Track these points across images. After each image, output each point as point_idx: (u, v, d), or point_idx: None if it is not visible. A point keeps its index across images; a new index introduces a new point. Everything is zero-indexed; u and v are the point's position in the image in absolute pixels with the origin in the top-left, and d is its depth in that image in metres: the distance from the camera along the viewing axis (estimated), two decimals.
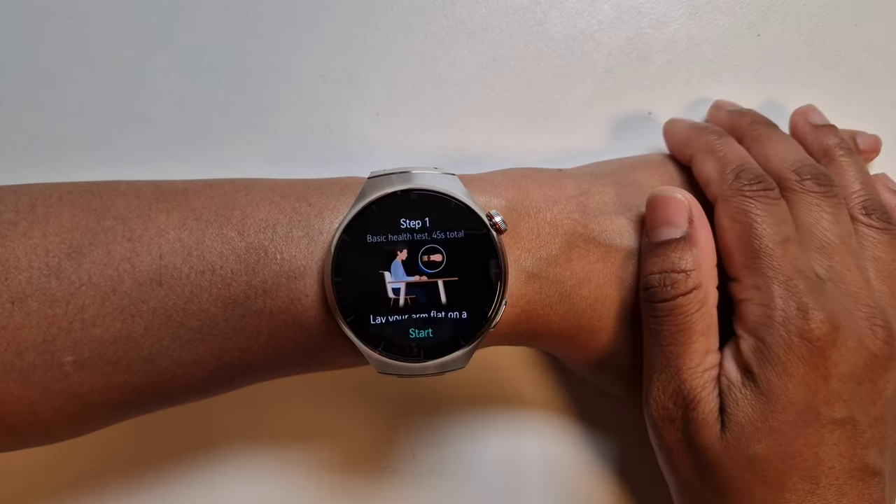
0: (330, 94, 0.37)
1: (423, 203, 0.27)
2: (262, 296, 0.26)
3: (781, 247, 0.27)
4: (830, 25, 0.38)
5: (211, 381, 0.27)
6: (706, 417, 0.27)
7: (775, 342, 0.26)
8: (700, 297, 0.27)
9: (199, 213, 0.27)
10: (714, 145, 0.31)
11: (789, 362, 0.26)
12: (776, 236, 0.27)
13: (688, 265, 0.28)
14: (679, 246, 0.28)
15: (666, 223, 0.28)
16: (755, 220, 0.28)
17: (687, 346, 0.27)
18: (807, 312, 0.26)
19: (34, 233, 0.25)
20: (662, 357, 0.28)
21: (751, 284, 0.27)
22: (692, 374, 0.27)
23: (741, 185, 0.29)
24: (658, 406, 0.28)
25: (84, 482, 0.34)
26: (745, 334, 0.27)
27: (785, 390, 0.26)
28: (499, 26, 0.38)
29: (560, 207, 0.29)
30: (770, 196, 0.28)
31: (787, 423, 0.26)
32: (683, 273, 0.27)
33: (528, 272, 0.29)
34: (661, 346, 0.28)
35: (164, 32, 0.37)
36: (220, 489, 0.35)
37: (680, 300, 0.27)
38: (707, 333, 0.27)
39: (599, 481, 0.36)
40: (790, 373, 0.26)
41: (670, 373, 0.27)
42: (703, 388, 0.27)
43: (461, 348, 0.27)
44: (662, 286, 0.28)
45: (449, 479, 0.35)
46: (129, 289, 0.25)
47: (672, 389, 0.27)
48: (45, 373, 0.25)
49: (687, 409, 0.27)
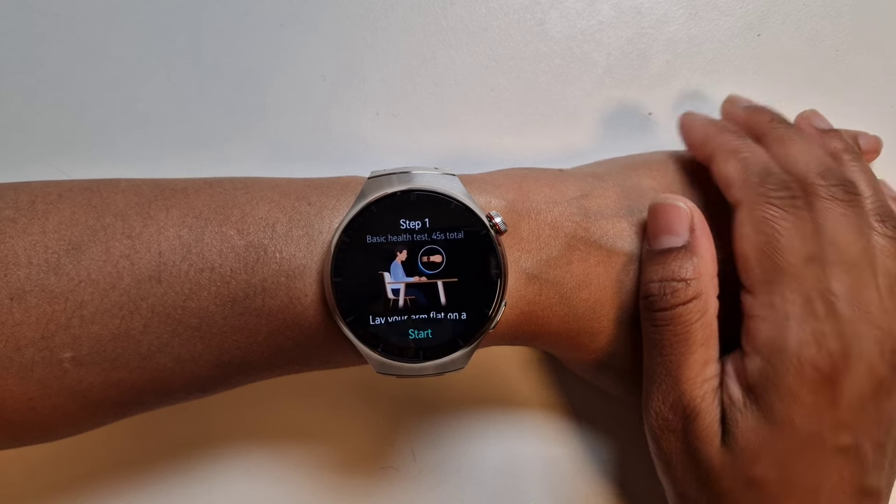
0: (330, 94, 0.37)
1: (424, 204, 0.27)
2: (261, 294, 0.26)
3: (804, 266, 0.26)
4: (830, 25, 0.38)
5: (210, 379, 0.27)
6: (706, 429, 0.26)
7: (786, 369, 0.25)
8: (700, 306, 0.27)
9: (198, 211, 0.27)
10: (736, 146, 0.30)
11: (798, 391, 0.25)
12: (800, 254, 0.26)
13: (688, 274, 0.27)
14: (680, 255, 0.27)
15: (667, 231, 0.28)
16: (780, 232, 0.27)
17: (687, 356, 0.27)
18: (822, 341, 0.25)
19: (33, 229, 0.25)
20: (662, 366, 0.27)
21: (766, 302, 0.26)
22: (692, 384, 0.27)
23: (767, 191, 0.27)
24: (658, 416, 0.27)
25: (83, 481, 0.34)
26: (752, 353, 0.26)
27: (790, 417, 0.25)
28: (499, 26, 0.38)
29: (561, 209, 0.29)
30: (797, 205, 0.27)
31: (789, 448, 0.25)
32: (683, 282, 0.27)
33: (529, 273, 0.28)
34: (661, 355, 0.27)
35: (164, 32, 0.37)
36: (220, 488, 0.35)
37: (679, 309, 0.27)
38: (707, 343, 0.27)
39: (598, 481, 0.36)
40: (797, 401, 0.25)
41: (670, 383, 0.27)
42: (703, 399, 0.27)
43: (460, 349, 0.27)
44: (662, 295, 0.27)
45: (449, 479, 0.35)
46: (128, 286, 0.25)
47: (672, 399, 0.27)
48: (43, 369, 0.25)
49: (687, 419, 0.27)
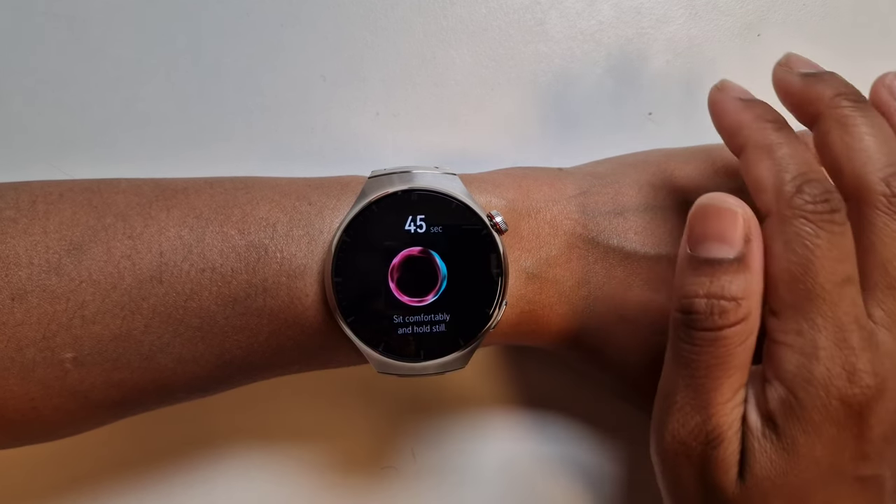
0: (330, 94, 0.37)
1: (424, 203, 0.27)
2: (262, 294, 0.26)
3: (839, 290, 0.23)
4: (830, 25, 0.38)
5: (211, 379, 0.27)
6: (727, 459, 0.24)
7: (811, 402, 0.23)
8: (748, 329, 0.24)
9: (199, 210, 0.27)
10: (773, 141, 0.25)
11: (822, 425, 0.23)
12: (835, 276, 0.23)
13: (739, 292, 0.23)
14: (732, 268, 0.24)
15: (718, 238, 0.24)
16: (814, 252, 0.23)
17: (722, 381, 0.24)
18: (854, 374, 0.23)
19: (34, 229, 0.25)
20: (690, 389, 0.24)
21: (794, 328, 0.24)
22: (722, 409, 0.24)
23: (804, 204, 0.24)
24: (674, 440, 0.25)
25: (84, 482, 0.34)
26: (775, 382, 0.24)
27: (811, 450, 0.23)
28: (499, 26, 0.38)
29: (560, 207, 0.29)
30: (836, 220, 0.24)
31: (808, 481, 0.23)
32: (734, 301, 0.23)
33: (529, 273, 0.29)
34: (692, 377, 0.24)
35: (164, 32, 0.37)
36: (221, 489, 0.35)
37: (726, 332, 0.23)
38: (744, 368, 0.24)
39: (599, 481, 0.36)
40: (821, 434, 0.23)
41: (696, 406, 0.24)
42: (730, 427, 0.24)
43: (461, 349, 0.27)
44: (709, 314, 0.24)
45: (449, 479, 0.35)
46: (129, 286, 0.25)
47: (695, 424, 0.24)
48: (45, 369, 0.25)
49: (708, 446, 0.24)
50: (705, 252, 0.24)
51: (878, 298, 0.24)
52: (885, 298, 0.24)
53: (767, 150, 0.25)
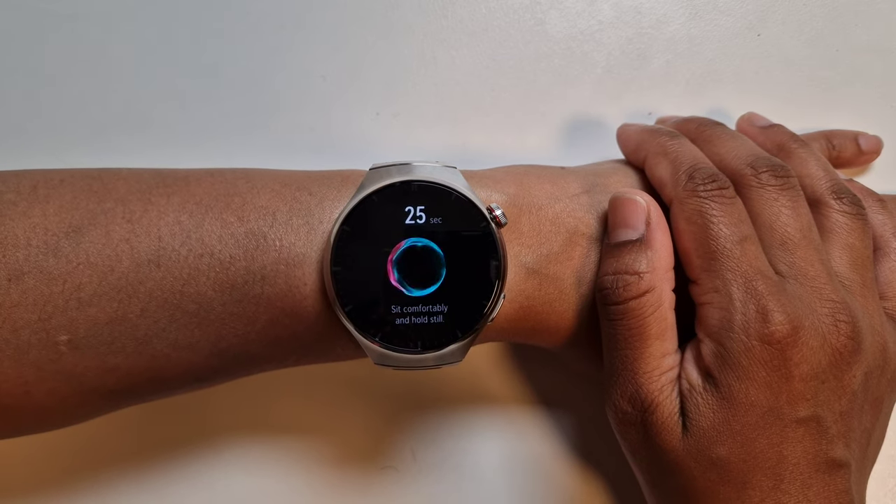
0: (330, 94, 0.37)
1: (424, 195, 0.27)
2: (260, 282, 0.26)
3: (739, 246, 0.27)
4: (830, 25, 0.39)
5: (206, 367, 0.27)
6: (665, 421, 0.26)
7: (735, 347, 0.26)
8: (654, 299, 0.27)
9: (199, 198, 0.27)
10: (666, 146, 0.30)
11: (750, 367, 0.26)
12: (733, 236, 0.27)
13: (641, 267, 0.27)
14: (634, 248, 0.28)
15: (623, 224, 0.28)
16: (711, 220, 0.27)
17: (642, 350, 0.27)
18: (767, 315, 0.26)
19: (34, 212, 0.25)
20: (619, 360, 0.27)
21: (710, 287, 0.27)
22: (648, 377, 0.27)
23: (695, 186, 0.28)
24: (617, 409, 0.28)
25: (84, 477, 0.34)
26: (705, 338, 0.27)
27: (746, 394, 0.26)
28: (499, 26, 0.38)
29: (563, 205, 0.30)
30: (725, 195, 0.28)
31: (749, 425, 0.26)
32: (636, 275, 0.27)
33: (528, 268, 0.28)
34: (617, 349, 0.27)
35: (164, 32, 0.37)
36: (221, 486, 0.34)
37: (633, 303, 0.27)
38: (662, 336, 0.27)
39: (599, 480, 0.36)
40: (751, 377, 0.26)
41: (627, 376, 0.27)
42: (660, 392, 0.27)
43: (458, 341, 0.27)
44: (615, 288, 0.27)
45: (449, 478, 0.35)
46: (126, 269, 0.25)
47: (629, 393, 0.27)
48: (39, 352, 0.25)
49: (645, 412, 0.27)
50: (615, 238, 0.28)
51: (777, 256, 0.28)
52: (782, 254, 0.28)
53: (663, 153, 0.30)
